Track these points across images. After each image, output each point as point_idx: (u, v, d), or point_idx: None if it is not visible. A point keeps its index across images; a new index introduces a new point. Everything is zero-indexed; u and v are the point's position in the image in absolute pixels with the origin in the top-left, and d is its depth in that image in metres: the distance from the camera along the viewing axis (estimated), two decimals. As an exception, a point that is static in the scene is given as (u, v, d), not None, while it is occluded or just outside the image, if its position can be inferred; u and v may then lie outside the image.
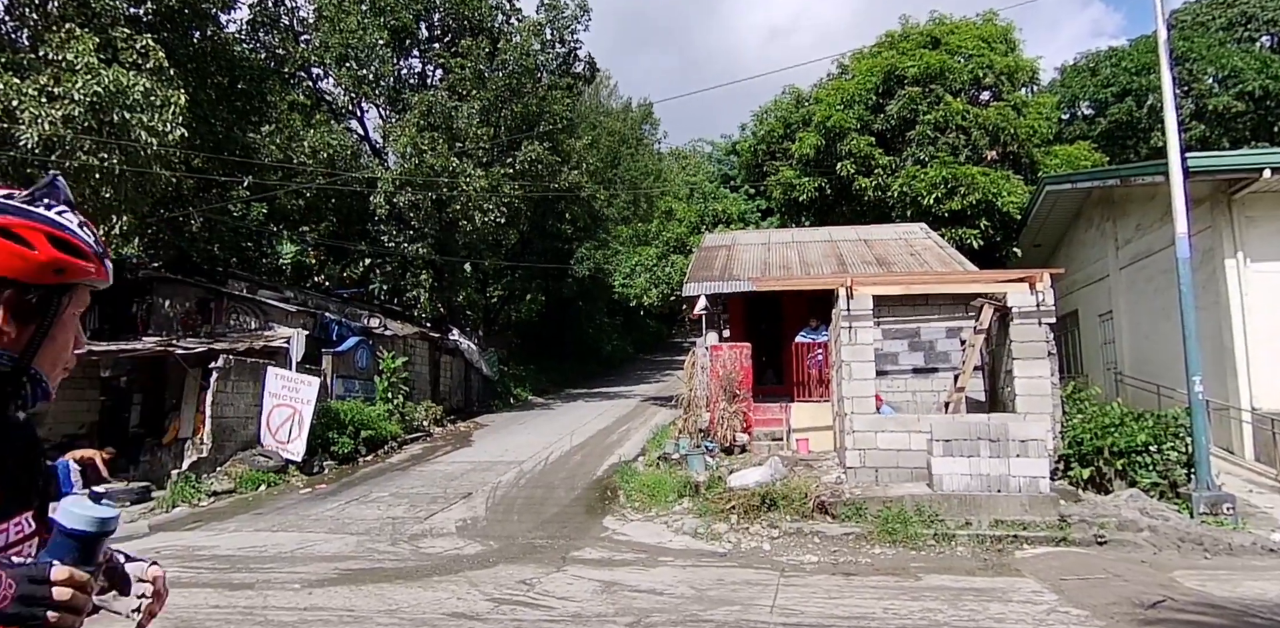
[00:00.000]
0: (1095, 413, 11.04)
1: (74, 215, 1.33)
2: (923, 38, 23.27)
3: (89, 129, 13.09)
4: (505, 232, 23.14)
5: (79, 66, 12.91)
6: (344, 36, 22.44)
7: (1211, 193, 12.46)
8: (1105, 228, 17.06)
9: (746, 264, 17.49)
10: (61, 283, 1.28)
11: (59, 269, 1.26)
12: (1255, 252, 12.24)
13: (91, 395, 15.21)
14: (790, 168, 23.53)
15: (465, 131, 21.70)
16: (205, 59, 17.51)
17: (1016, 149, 21.46)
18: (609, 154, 32.08)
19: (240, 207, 20.34)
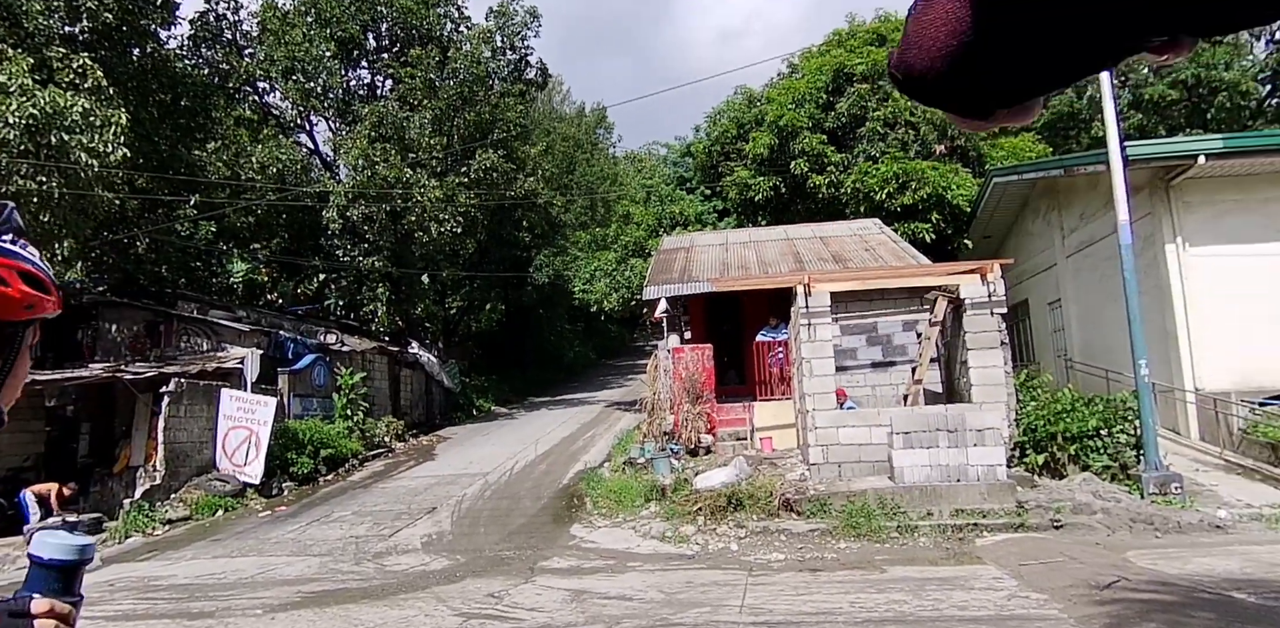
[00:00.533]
0: (1048, 400, 11.27)
1: (31, 248, 1.31)
2: (870, 35, 23.62)
3: (25, 152, 12.77)
4: (462, 241, 22.98)
5: (13, 88, 12.58)
6: (289, 49, 22.15)
7: (1150, 180, 12.79)
8: (1051, 218, 17.43)
9: (705, 265, 17.58)
10: (26, 318, 1.27)
11: (29, 305, 1.23)
12: (1193, 237, 12.59)
13: (36, 426, 14.79)
14: (745, 168, 23.71)
15: (418, 142, 21.53)
16: (146, 76, 17.16)
17: (964, 143, 21.85)
18: (564, 160, 32.05)
19: (187, 226, 19.97)
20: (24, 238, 1.29)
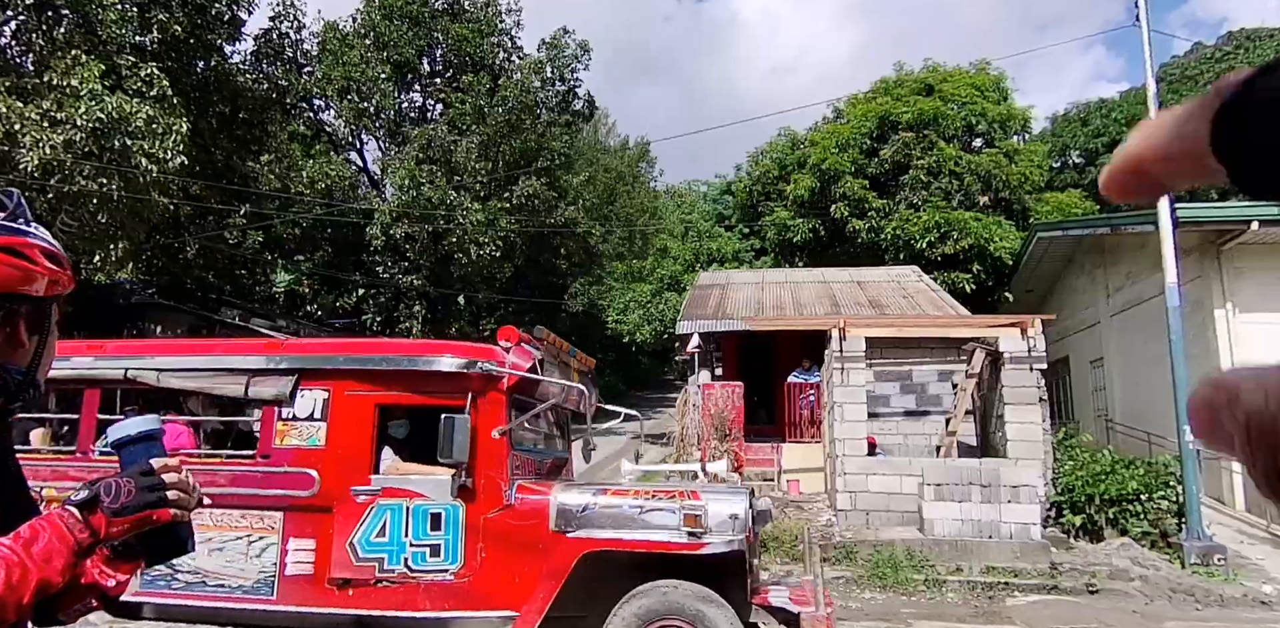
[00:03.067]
0: (1086, 460, 11.01)
1: (42, 228, 1.36)
2: (917, 84, 23.76)
3: (89, 154, 13.14)
4: (500, 265, 23.18)
5: (83, 93, 12.99)
6: (346, 70, 22.73)
7: (1200, 243, 12.61)
8: (1096, 275, 17.22)
9: (740, 303, 17.55)
10: (56, 294, 1.35)
11: (55, 282, 1.32)
12: (1244, 303, 12.35)
13: (75, 421, 15.00)
14: (785, 209, 23.80)
15: (463, 165, 21.87)
16: (208, 88, 17.66)
17: (1008, 195, 21.77)
18: (606, 191, 32.35)
19: (236, 234, 20.36)
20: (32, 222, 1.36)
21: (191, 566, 5.28)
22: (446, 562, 5.07)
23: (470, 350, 5.43)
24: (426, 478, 5.22)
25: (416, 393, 5.44)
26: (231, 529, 5.30)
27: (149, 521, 1.24)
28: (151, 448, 1.34)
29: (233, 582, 5.24)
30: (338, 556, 5.14)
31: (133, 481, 1.24)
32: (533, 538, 5.03)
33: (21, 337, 1.30)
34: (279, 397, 5.38)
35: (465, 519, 5.09)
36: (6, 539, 1.13)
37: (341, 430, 5.32)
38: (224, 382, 5.50)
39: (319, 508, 5.23)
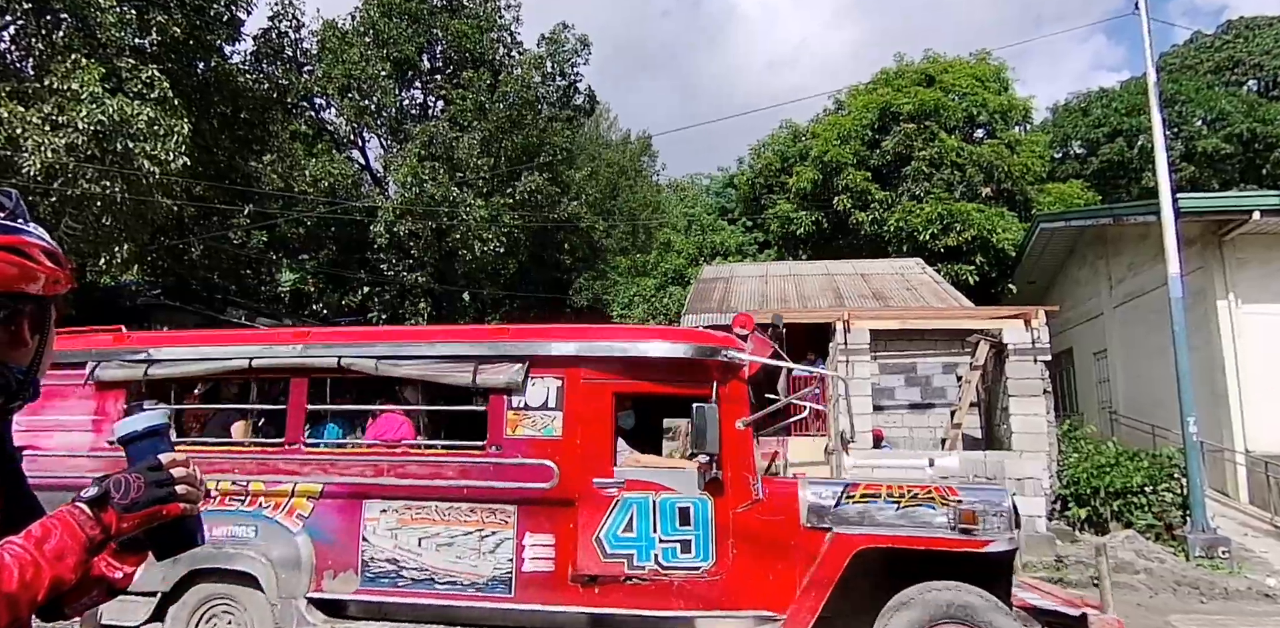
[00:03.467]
0: (1091, 452, 11.05)
1: (40, 228, 1.38)
2: (917, 76, 23.69)
3: (92, 157, 13.17)
4: (504, 261, 23.21)
5: (84, 96, 13.01)
6: (346, 68, 22.70)
7: (1203, 234, 12.61)
8: (1099, 266, 17.21)
9: (744, 297, 17.57)
10: (56, 293, 1.36)
11: (55, 280, 1.33)
12: (1246, 293, 12.35)
13: (84, 423, 15.10)
14: (787, 201, 23.79)
15: (466, 162, 21.87)
16: (209, 89, 17.68)
17: (1011, 186, 21.74)
18: (608, 185, 32.31)
19: (240, 234, 20.41)
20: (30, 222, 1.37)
21: (417, 562, 5.11)
22: (698, 559, 4.88)
23: (711, 337, 5.26)
24: (672, 471, 5.08)
25: (655, 382, 5.22)
26: (461, 524, 5.12)
27: (158, 515, 1.25)
28: (159, 443, 1.35)
29: (465, 579, 5.06)
30: (583, 551, 4.95)
31: (141, 476, 1.25)
32: (783, 534, 4.85)
33: (24, 336, 1.31)
34: (510, 385, 5.17)
35: (715, 514, 4.89)
36: (18, 538, 1.14)
37: (578, 420, 5.11)
38: (449, 369, 5.29)
39: (557, 501, 5.02)
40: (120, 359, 5.68)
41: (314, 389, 5.56)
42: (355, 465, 5.37)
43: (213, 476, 5.27)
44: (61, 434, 5.70)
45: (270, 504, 5.34)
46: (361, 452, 5.50)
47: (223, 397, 6.25)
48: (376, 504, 5.24)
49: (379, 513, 5.22)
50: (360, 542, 5.20)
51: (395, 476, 5.23)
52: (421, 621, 5.12)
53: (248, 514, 5.34)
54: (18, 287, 1.27)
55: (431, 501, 5.16)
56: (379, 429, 5.62)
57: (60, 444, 5.66)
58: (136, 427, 1.36)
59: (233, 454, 5.56)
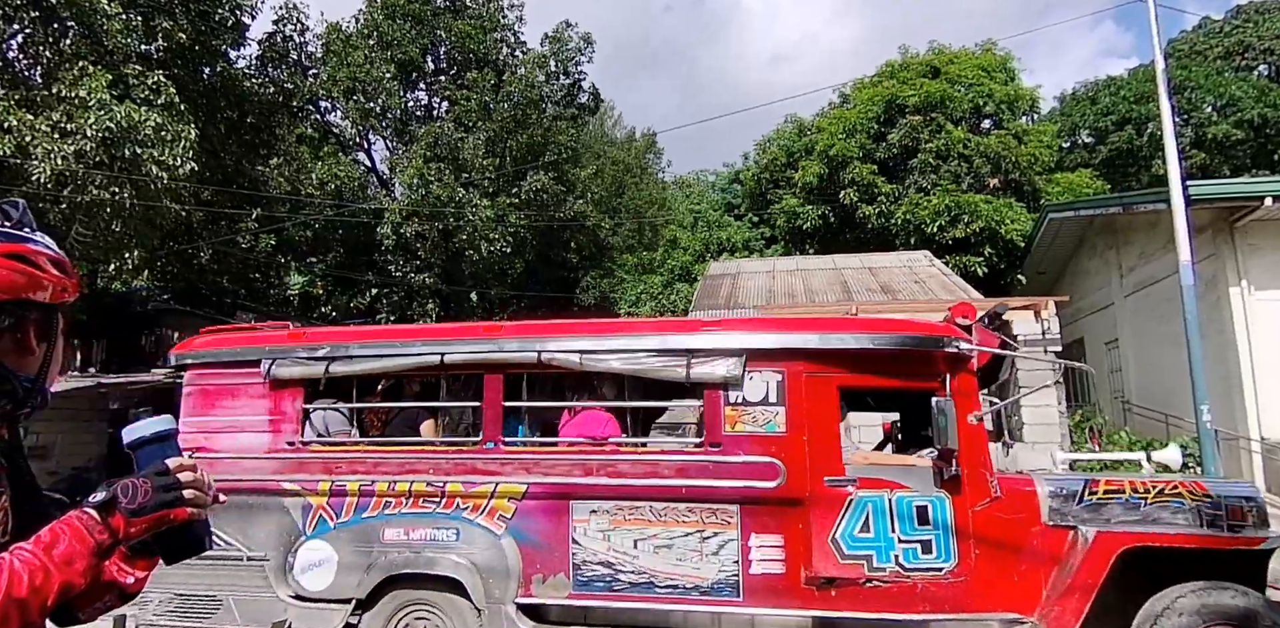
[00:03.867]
0: (1104, 442, 10.99)
1: (48, 238, 1.39)
2: (923, 67, 23.59)
3: (100, 164, 13.27)
4: (511, 261, 23.26)
5: (91, 103, 13.11)
6: (351, 70, 22.78)
7: (1214, 221, 12.51)
8: (1109, 256, 17.10)
9: (751, 292, 17.55)
10: (62, 301, 1.37)
11: (62, 289, 1.35)
12: (1259, 280, 12.25)
13: (100, 428, 15.21)
14: (793, 196, 23.74)
15: (471, 162, 21.92)
16: (215, 94, 17.78)
17: (1018, 177, 21.63)
18: (613, 183, 32.33)
19: (249, 238, 20.53)
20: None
21: (634, 565, 4.87)
22: (939, 559, 4.66)
23: (939, 328, 5.04)
24: (906, 468, 4.87)
25: (881, 375, 5.02)
26: (679, 525, 4.88)
27: (166, 520, 1.26)
28: (167, 448, 1.35)
29: (687, 582, 4.82)
30: (818, 553, 4.73)
31: (149, 481, 1.26)
32: (1024, 533, 4.66)
33: (31, 344, 1.32)
34: (728, 379, 4.93)
35: (953, 513, 4.70)
36: (27, 544, 1.16)
37: (804, 416, 4.88)
38: (660, 364, 5.07)
39: (784, 501, 4.79)
40: (297, 356, 5.50)
41: (511, 385, 5.33)
42: (561, 465, 5.11)
43: (405, 477, 5.19)
44: (236, 435, 5.54)
45: (469, 506, 5.11)
46: (567, 450, 5.24)
47: (404, 394, 6.03)
48: (585, 505, 5.00)
49: (588, 514, 4.99)
50: (570, 545, 4.97)
51: (606, 475, 4.99)
52: (640, 626, 4.96)
53: (446, 516, 5.13)
54: (25, 295, 1.28)
55: (646, 501, 4.94)
56: (582, 427, 5.38)
57: (235, 446, 5.50)
58: (144, 432, 1.36)
59: (426, 454, 5.35)
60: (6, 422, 1.34)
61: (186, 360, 5.80)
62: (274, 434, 5.48)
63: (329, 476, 5.32)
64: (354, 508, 5.26)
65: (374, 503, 5.23)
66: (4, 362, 1.29)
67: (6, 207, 1.34)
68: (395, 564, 5.07)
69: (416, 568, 5.06)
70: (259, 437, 5.50)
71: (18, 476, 1.35)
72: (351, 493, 5.27)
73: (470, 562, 5.00)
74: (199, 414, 5.64)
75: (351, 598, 5.09)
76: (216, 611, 5.26)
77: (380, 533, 5.16)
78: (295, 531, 5.30)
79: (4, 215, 1.32)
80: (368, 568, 5.10)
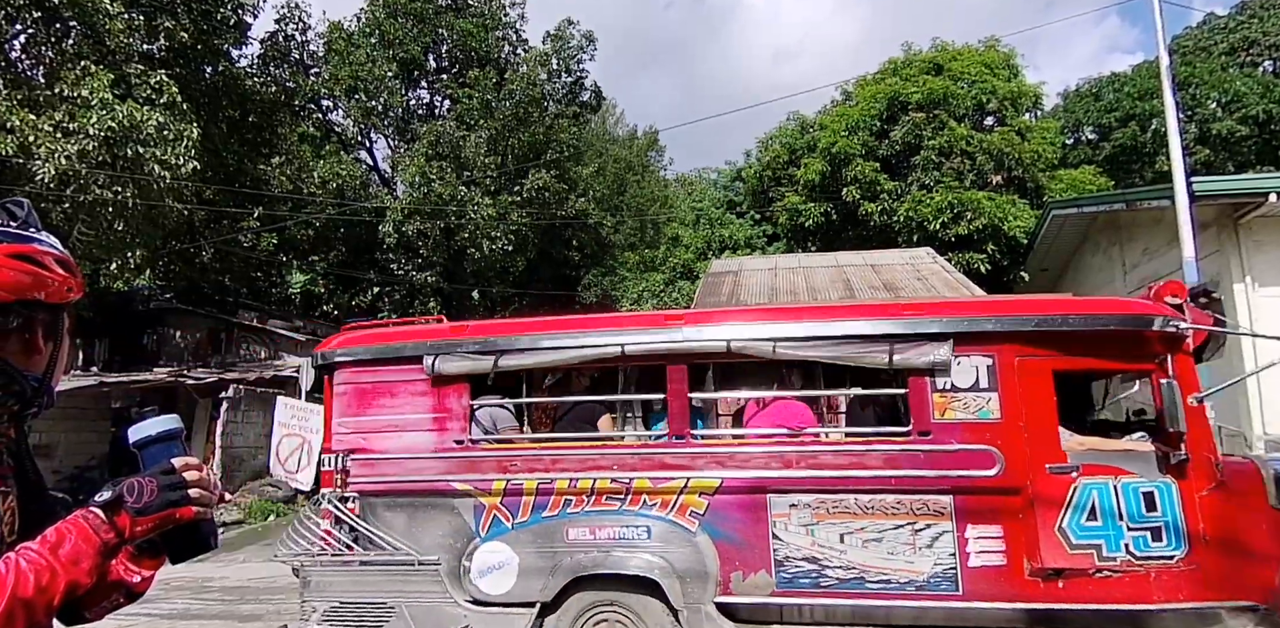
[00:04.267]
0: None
1: (52, 237, 1.39)
2: (925, 64, 23.51)
3: (103, 164, 13.30)
4: (513, 259, 23.27)
5: (94, 102, 13.14)
6: (353, 69, 22.80)
7: (1218, 217, 12.46)
8: (1112, 252, 17.06)
9: (754, 290, 17.52)
10: (69, 301, 1.37)
11: (68, 288, 1.35)
12: (1263, 276, 12.20)
13: (102, 427, 15.27)
14: (796, 194, 23.69)
15: (473, 160, 21.92)
16: (217, 93, 17.81)
17: (1021, 174, 21.56)
18: (615, 181, 32.33)
19: (251, 237, 20.56)
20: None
21: (842, 560, 4.68)
22: (1170, 547, 4.50)
23: (1155, 308, 4.77)
24: (1128, 453, 4.70)
25: (1096, 357, 4.82)
26: (887, 517, 4.69)
27: (172, 519, 1.27)
28: (172, 447, 1.36)
29: (900, 577, 4.64)
30: (1045, 544, 4.55)
31: (155, 480, 1.26)
32: (1254, 517, 4.42)
33: (39, 343, 1.33)
34: (935, 365, 4.73)
35: (1181, 498, 4.53)
36: (34, 544, 1.16)
37: (1018, 401, 4.69)
38: (861, 350, 4.87)
39: (1001, 490, 4.61)
40: (464, 351, 5.28)
41: (695, 376, 5.15)
42: (757, 457, 4.89)
43: (587, 474, 5.00)
44: (399, 435, 5.32)
45: (656, 502, 4.90)
46: (763, 442, 5.01)
47: (573, 388, 5.78)
48: (784, 498, 4.79)
49: (788, 508, 4.78)
50: (770, 540, 4.77)
51: (807, 467, 4.79)
52: (851, 623, 4.74)
53: (635, 514, 4.91)
54: (31, 295, 1.28)
55: (850, 493, 4.75)
56: (776, 417, 5.16)
57: (398, 446, 5.30)
58: (150, 431, 1.36)
59: (610, 450, 5.14)
60: (13, 422, 1.34)
61: (337, 358, 5.58)
62: (439, 433, 5.28)
63: (503, 474, 5.11)
64: (531, 507, 5.06)
65: (553, 502, 5.03)
66: (11, 362, 1.29)
67: (11, 206, 1.34)
68: (583, 565, 4.87)
69: (606, 569, 4.85)
70: (423, 436, 5.30)
71: (23, 475, 1.35)
72: (528, 492, 5.07)
73: (666, 561, 4.80)
74: (355, 414, 5.44)
75: (535, 602, 4.90)
76: (388, 619, 5.06)
77: (563, 533, 4.97)
78: (468, 532, 5.10)
79: (9, 215, 1.32)
80: (552, 570, 4.90)
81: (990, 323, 4.81)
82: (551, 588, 4.87)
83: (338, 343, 5.74)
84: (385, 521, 5.18)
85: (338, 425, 5.43)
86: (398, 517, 5.15)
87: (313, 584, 5.21)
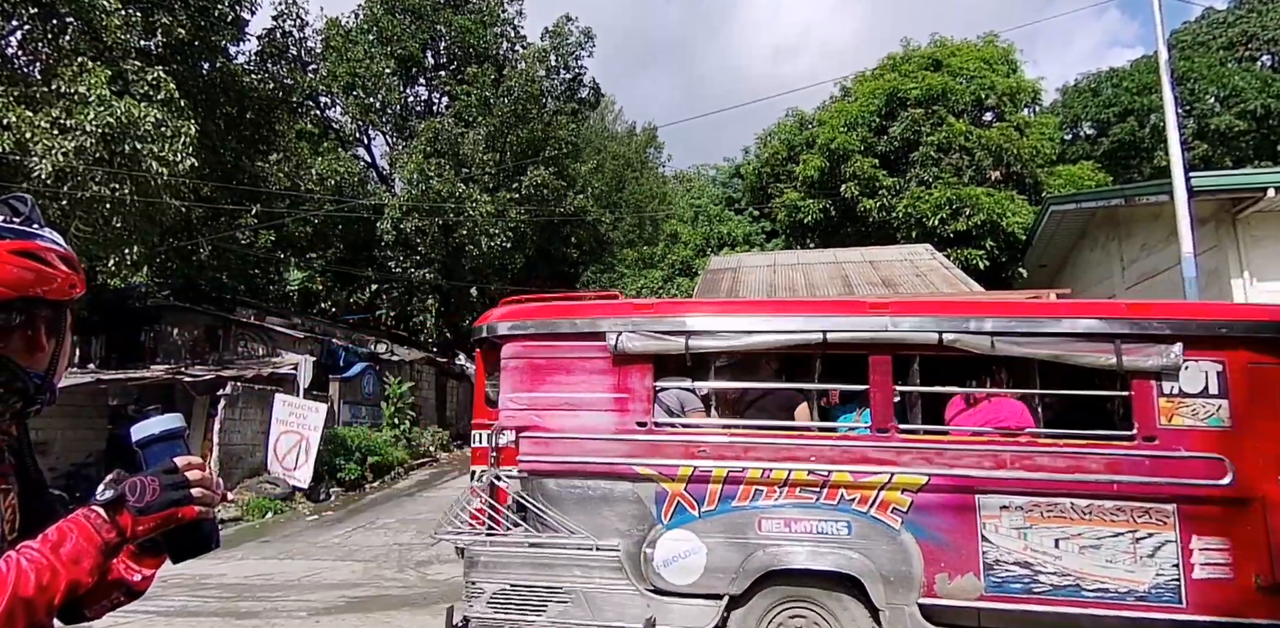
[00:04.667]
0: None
1: (55, 233, 1.38)
2: (924, 60, 23.48)
3: (100, 160, 13.27)
4: (511, 256, 23.27)
5: (91, 99, 13.11)
6: (351, 66, 22.78)
7: (1216, 212, 12.45)
8: (1111, 248, 17.05)
9: (752, 287, 17.50)
10: (71, 298, 1.37)
11: (71, 285, 1.34)
12: (1261, 271, 12.19)
13: (99, 424, 15.23)
14: (795, 190, 23.67)
15: (471, 157, 21.91)
16: (215, 90, 17.77)
17: (1020, 169, 21.55)
18: (614, 178, 32.33)
19: (248, 234, 20.54)
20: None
21: (1056, 566, 4.54)
22: None
23: None
24: None
25: None
26: (1106, 524, 4.52)
27: (174, 518, 1.26)
28: (174, 447, 1.35)
29: (1120, 586, 4.47)
30: (1278, 558, 4.39)
31: (157, 479, 1.25)
32: None
33: (41, 340, 1.32)
34: (1164, 368, 4.56)
35: None
36: (35, 542, 1.15)
37: (1249, 409, 4.52)
38: (1085, 349, 4.69)
39: (1230, 500, 4.44)
40: (652, 330, 5.06)
41: (900, 368, 4.94)
42: (967, 456, 4.72)
43: (782, 464, 4.80)
44: (576, 414, 5.10)
45: (855, 497, 4.72)
46: (974, 440, 4.84)
47: (760, 374, 5.50)
48: (995, 500, 4.62)
49: (999, 510, 4.62)
50: (979, 542, 4.61)
51: (1022, 468, 4.63)
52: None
53: (832, 508, 4.73)
54: (34, 291, 1.28)
55: (1066, 497, 4.61)
56: (991, 415, 5.01)
57: (575, 426, 5.07)
58: (153, 430, 1.36)
59: (808, 440, 4.93)
60: (15, 419, 1.34)
61: (505, 331, 5.37)
62: (620, 414, 5.04)
63: (690, 460, 4.88)
64: (718, 496, 4.85)
65: (742, 491, 4.82)
66: (14, 359, 1.29)
67: (14, 202, 1.33)
68: (779, 559, 4.68)
69: (803, 564, 4.69)
70: (602, 416, 5.06)
71: (24, 473, 1.35)
72: (715, 480, 4.84)
73: (869, 559, 4.63)
74: (526, 390, 5.21)
75: (724, 594, 4.73)
76: (562, 603, 4.88)
77: (756, 524, 4.78)
78: (649, 519, 4.89)
79: (12, 211, 1.32)
80: (743, 562, 4.72)
81: (1223, 327, 4.64)
82: (743, 581, 4.70)
83: (501, 316, 5.55)
84: (556, 501, 4.98)
85: (509, 401, 5.22)
86: (571, 498, 4.96)
87: (481, 565, 5.05)
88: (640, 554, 4.86)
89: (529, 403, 5.15)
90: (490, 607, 4.95)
